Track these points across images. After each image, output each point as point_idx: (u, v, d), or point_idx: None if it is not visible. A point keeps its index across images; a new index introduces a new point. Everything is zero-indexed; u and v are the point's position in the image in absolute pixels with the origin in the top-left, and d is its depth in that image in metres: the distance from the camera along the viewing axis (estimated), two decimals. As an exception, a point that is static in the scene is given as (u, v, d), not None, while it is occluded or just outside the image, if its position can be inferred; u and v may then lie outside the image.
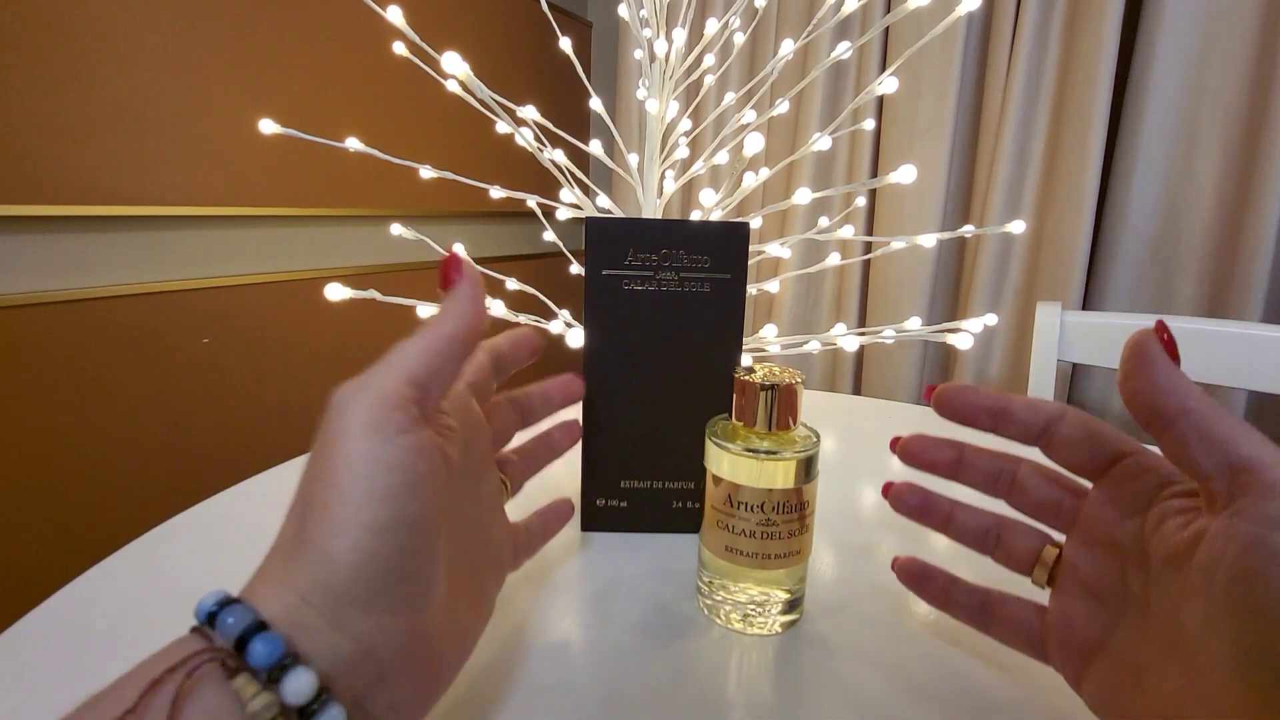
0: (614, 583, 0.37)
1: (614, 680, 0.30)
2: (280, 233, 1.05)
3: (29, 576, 0.79)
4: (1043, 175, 1.14)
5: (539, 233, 0.91)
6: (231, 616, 0.18)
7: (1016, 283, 1.19)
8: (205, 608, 0.19)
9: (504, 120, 0.57)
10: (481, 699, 0.28)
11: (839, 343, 0.60)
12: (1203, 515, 0.21)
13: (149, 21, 0.84)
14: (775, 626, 0.33)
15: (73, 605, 0.34)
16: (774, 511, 0.32)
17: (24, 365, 0.78)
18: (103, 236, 0.84)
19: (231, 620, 0.18)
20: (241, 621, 0.18)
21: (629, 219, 0.40)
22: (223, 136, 0.93)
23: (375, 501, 0.20)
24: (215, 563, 0.38)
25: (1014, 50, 1.13)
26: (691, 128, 0.67)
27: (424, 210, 1.29)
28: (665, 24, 0.59)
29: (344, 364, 1.22)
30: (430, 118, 1.24)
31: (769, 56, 1.34)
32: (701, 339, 0.40)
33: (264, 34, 0.97)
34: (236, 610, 0.18)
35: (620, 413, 0.41)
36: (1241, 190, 1.02)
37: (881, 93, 0.53)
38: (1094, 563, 0.25)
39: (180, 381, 0.92)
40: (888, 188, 1.22)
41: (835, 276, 1.37)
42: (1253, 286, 0.99)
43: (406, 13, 0.53)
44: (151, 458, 0.90)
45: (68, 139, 0.79)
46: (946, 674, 0.31)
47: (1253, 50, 0.99)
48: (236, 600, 0.19)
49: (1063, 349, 0.81)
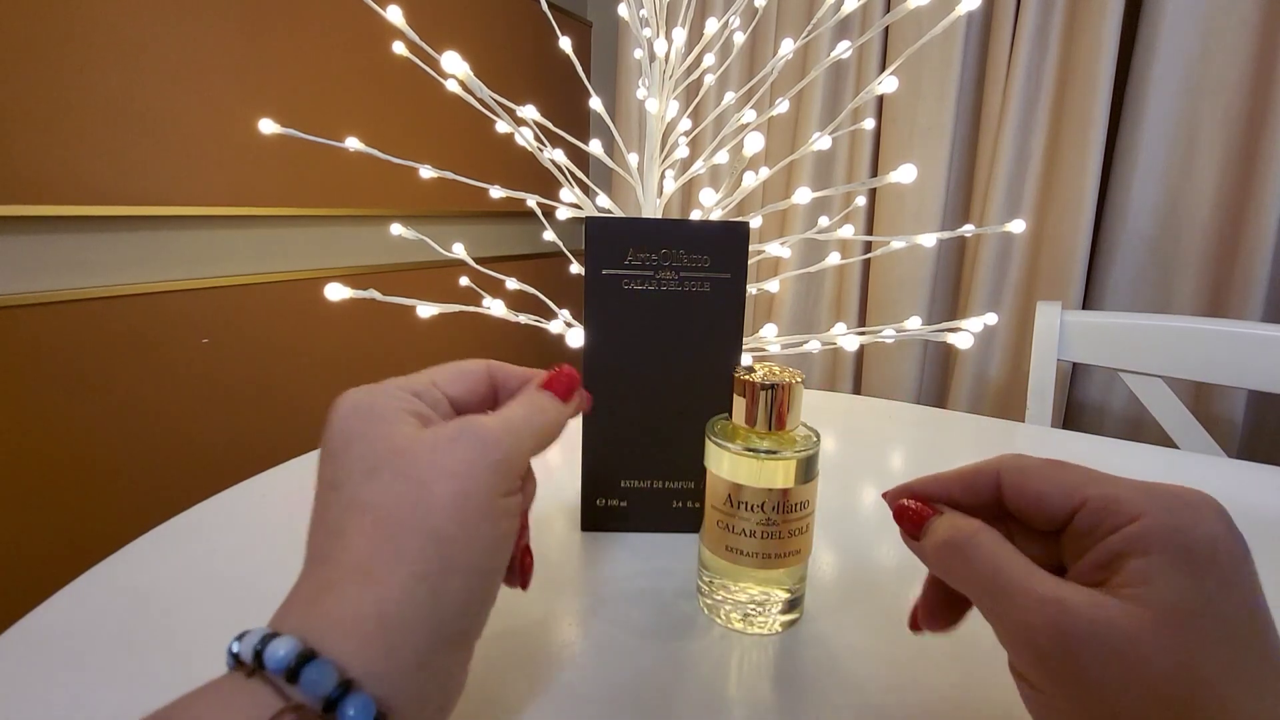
0: (614, 583, 0.37)
1: (614, 680, 0.30)
2: (280, 233, 1.05)
3: (29, 576, 0.79)
4: (1043, 175, 1.14)
5: (539, 232, 0.91)
6: (314, 673, 0.18)
7: (1016, 282, 1.19)
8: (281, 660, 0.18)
9: (504, 120, 0.57)
10: (482, 699, 0.28)
11: (839, 342, 0.60)
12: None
13: (149, 22, 0.84)
14: (775, 626, 0.33)
15: (73, 605, 0.34)
16: (774, 511, 0.32)
17: (24, 365, 0.78)
18: (103, 236, 0.84)
19: (315, 677, 0.18)
20: (327, 682, 0.18)
21: (629, 219, 0.40)
22: (223, 136, 0.93)
23: (484, 556, 0.22)
24: (215, 563, 0.38)
25: (1014, 50, 1.13)
26: (691, 127, 0.67)
27: (424, 210, 1.29)
28: (665, 24, 0.59)
29: (344, 364, 1.23)
30: (430, 118, 1.24)
31: (769, 56, 1.34)
32: (701, 339, 0.40)
33: (264, 34, 0.97)
34: (320, 668, 0.18)
35: (620, 412, 0.41)
36: (1241, 190, 1.02)
37: (881, 92, 0.53)
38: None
39: (180, 381, 0.92)
40: (888, 187, 1.22)
41: (835, 276, 1.37)
42: (1253, 286, 0.99)
43: (406, 13, 0.53)
44: (151, 458, 0.90)
45: (68, 139, 0.79)
46: (947, 674, 0.31)
47: (1253, 50, 0.99)
48: (315, 655, 0.18)
49: (1063, 348, 0.81)
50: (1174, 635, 0.18)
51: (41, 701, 0.28)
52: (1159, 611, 0.19)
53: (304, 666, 0.18)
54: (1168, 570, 0.19)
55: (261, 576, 0.37)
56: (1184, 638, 0.18)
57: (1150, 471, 0.58)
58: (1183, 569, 0.19)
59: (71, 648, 0.31)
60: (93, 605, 0.34)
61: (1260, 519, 0.48)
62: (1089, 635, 0.19)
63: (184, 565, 0.38)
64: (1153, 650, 0.18)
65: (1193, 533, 0.20)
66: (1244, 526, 0.20)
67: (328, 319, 1.10)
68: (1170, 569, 0.19)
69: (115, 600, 0.34)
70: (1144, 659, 0.18)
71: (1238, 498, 0.52)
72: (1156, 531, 0.20)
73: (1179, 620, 0.18)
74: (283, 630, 0.19)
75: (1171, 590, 0.19)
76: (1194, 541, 0.19)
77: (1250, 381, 0.74)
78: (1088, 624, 0.19)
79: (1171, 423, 0.77)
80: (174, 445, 0.92)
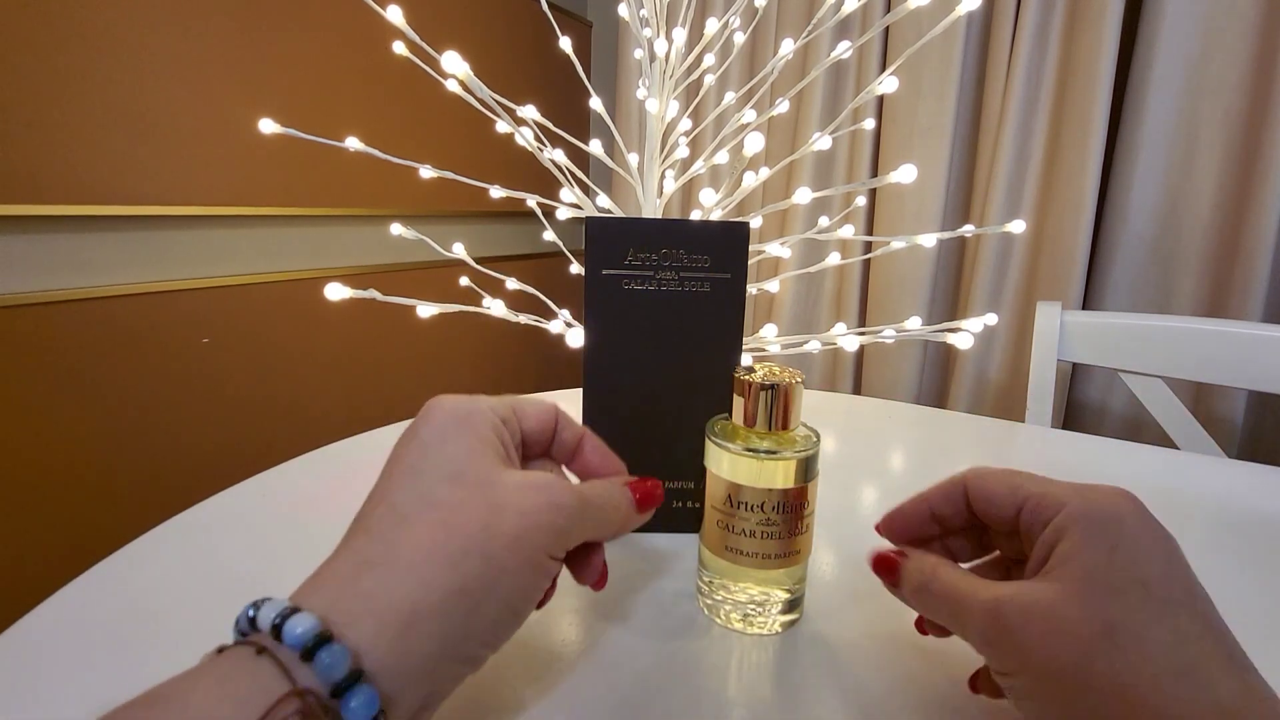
0: (614, 583, 0.37)
1: (614, 680, 0.30)
2: (280, 233, 1.05)
3: (29, 576, 0.79)
4: (1043, 175, 1.14)
5: (539, 232, 0.91)
6: (329, 657, 0.18)
7: (1016, 282, 1.19)
8: (299, 637, 0.18)
9: (504, 120, 0.57)
10: (482, 699, 0.28)
11: (839, 342, 0.60)
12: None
13: (149, 21, 0.84)
14: (775, 626, 0.33)
15: (73, 605, 0.34)
16: (774, 511, 0.32)
17: (24, 365, 0.78)
18: (103, 236, 0.84)
19: (329, 661, 0.18)
20: (340, 668, 0.18)
21: (629, 219, 0.40)
22: (223, 136, 0.93)
23: (521, 596, 0.23)
24: (215, 563, 0.38)
25: (1014, 50, 1.13)
26: (691, 127, 0.67)
27: (424, 210, 1.29)
28: (665, 24, 0.59)
29: (344, 364, 1.23)
30: (430, 118, 1.24)
31: (769, 56, 1.34)
32: (701, 339, 0.40)
33: (264, 34, 0.97)
34: (335, 653, 0.18)
35: (620, 412, 0.41)
36: (1241, 190, 1.02)
37: (881, 92, 0.53)
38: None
39: (180, 381, 0.92)
40: (888, 187, 1.22)
41: (835, 276, 1.37)
42: (1253, 286, 0.99)
43: (406, 12, 0.53)
44: (151, 458, 0.90)
45: (68, 139, 0.79)
46: (947, 674, 0.31)
47: (1253, 50, 0.99)
48: (332, 638, 0.18)
49: (1063, 349, 0.81)
50: (1090, 596, 0.22)
51: (41, 701, 0.28)
52: (1077, 581, 0.22)
53: (320, 649, 0.18)
54: (1083, 547, 0.23)
55: (261, 576, 0.37)
56: (1099, 597, 0.21)
57: (1150, 471, 0.58)
58: (1095, 542, 0.23)
59: (71, 648, 0.31)
60: (93, 605, 0.34)
61: (1260, 519, 0.48)
62: (1020, 614, 0.22)
63: (184, 565, 0.38)
64: (1073, 611, 0.21)
65: (1102, 512, 0.23)
66: (1244, 526, 0.21)
67: (328, 319, 1.10)
68: (1085, 545, 0.23)
69: (115, 600, 0.34)
70: (1068, 620, 0.21)
71: (1238, 498, 0.52)
72: (1073, 516, 0.23)
73: (1094, 584, 0.22)
74: (307, 606, 0.19)
75: (1087, 561, 0.22)
76: (1104, 519, 0.23)
77: (1250, 381, 0.74)
78: (1018, 608, 0.22)
79: (1171, 423, 0.77)
80: (174, 445, 0.92)
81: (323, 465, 0.52)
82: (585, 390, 0.41)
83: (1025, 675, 0.22)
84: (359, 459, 0.53)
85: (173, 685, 0.17)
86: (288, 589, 0.21)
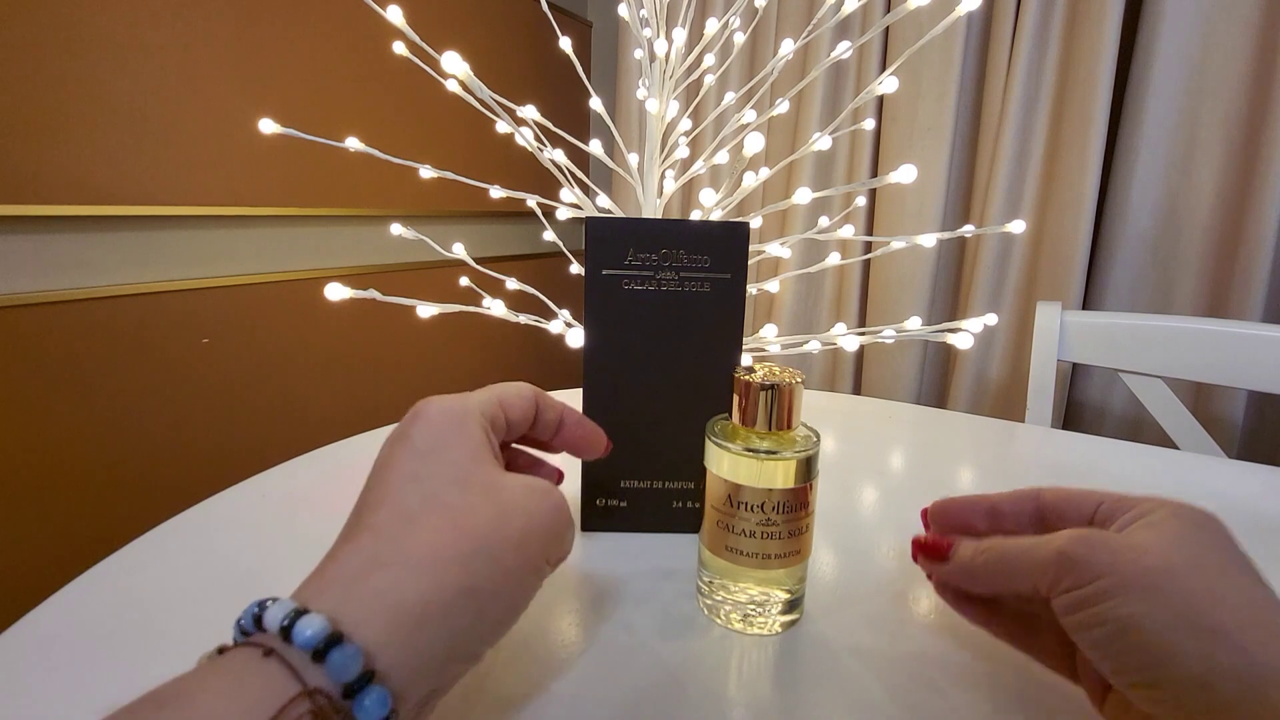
0: (614, 583, 0.37)
1: (614, 680, 0.30)
2: (280, 233, 1.05)
3: (29, 576, 0.79)
4: (1043, 175, 1.14)
5: (539, 233, 0.92)
6: (341, 658, 0.18)
7: (1016, 283, 1.19)
8: (309, 639, 0.18)
9: (504, 120, 0.57)
10: (481, 700, 0.28)
11: (839, 343, 0.60)
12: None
13: (149, 21, 0.84)
14: (775, 626, 0.33)
15: (73, 605, 0.34)
16: (774, 511, 0.32)
17: (24, 365, 0.78)
18: (103, 236, 0.84)
19: (341, 661, 0.18)
20: (353, 668, 0.18)
21: (629, 219, 0.40)
22: (223, 136, 0.93)
23: (520, 594, 0.23)
24: (215, 563, 0.38)
25: (1014, 50, 1.13)
26: (691, 128, 0.67)
27: (424, 210, 1.29)
28: (665, 24, 0.59)
29: (344, 364, 1.23)
30: (430, 118, 1.24)
31: (769, 56, 1.34)
32: (701, 339, 0.40)
33: (264, 34, 0.97)
34: (348, 653, 0.18)
35: (620, 412, 0.41)
36: (1241, 190, 1.02)
37: (881, 93, 0.53)
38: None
39: (180, 381, 0.92)
40: (888, 188, 1.22)
41: (835, 276, 1.37)
42: (1253, 286, 0.99)
43: (406, 12, 0.53)
44: (151, 458, 0.90)
45: (68, 139, 0.79)
46: (947, 673, 0.31)
47: (1253, 50, 0.99)
48: (343, 638, 0.18)
49: (1063, 349, 0.81)
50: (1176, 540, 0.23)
51: (41, 701, 0.28)
52: (1160, 532, 0.24)
53: (331, 649, 0.18)
54: (1170, 516, 0.24)
55: (262, 576, 0.37)
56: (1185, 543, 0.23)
57: (1150, 472, 0.58)
58: (1182, 519, 0.24)
59: (71, 648, 0.31)
60: (93, 605, 0.34)
61: (1260, 519, 0.48)
62: (1103, 536, 0.24)
63: (184, 565, 0.38)
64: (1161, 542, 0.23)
65: (1187, 510, 0.25)
66: (1244, 527, 0.22)
67: (328, 319, 1.10)
68: (1172, 515, 0.24)
69: (115, 600, 0.34)
70: (1155, 541, 0.23)
71: (1238, 498, 0.52)
72: (1161, 502, 0.25)
73: (1173, 538, 0.23)
74: (314, 606, 0.19)
75: (1170, 527, 0.24)
76: (1191, 511, 0.25)
77: (1250, 382, 0.74)
78: (1101, 534, 0.24)
79: (1171, 423, 0.77)
80: (174, 445, 0.92)
81: (323, 465, 0.52)
82: (585, 390, 0.41)
83: (1110, 578, 0.23)
84: (359, 459, 0.53)
85: (178, 686, 0.17)
86: (288, 588, 0.21)
